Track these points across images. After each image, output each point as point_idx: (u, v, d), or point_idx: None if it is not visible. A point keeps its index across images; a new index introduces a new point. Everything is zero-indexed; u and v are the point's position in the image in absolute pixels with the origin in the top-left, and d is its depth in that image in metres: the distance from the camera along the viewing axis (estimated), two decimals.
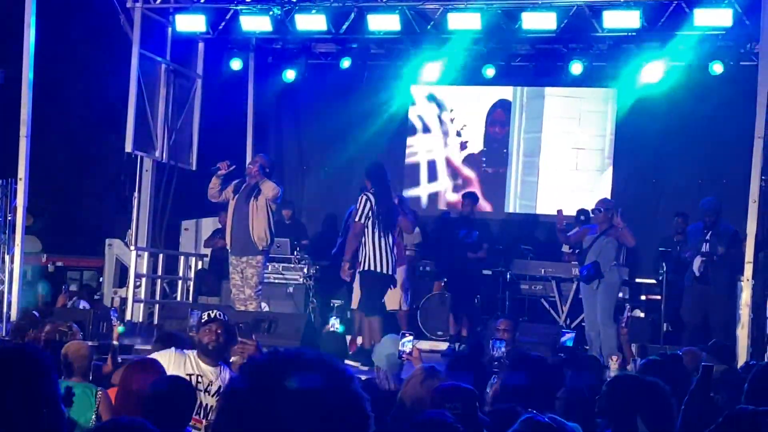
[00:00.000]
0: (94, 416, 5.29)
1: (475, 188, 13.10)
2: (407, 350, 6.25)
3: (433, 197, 13.81)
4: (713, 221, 10.08)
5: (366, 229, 8.97)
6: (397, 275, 9.64)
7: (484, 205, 12.98)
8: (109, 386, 5.70)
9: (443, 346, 11.33)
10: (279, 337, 8.36)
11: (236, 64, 12.92)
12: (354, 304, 9.89)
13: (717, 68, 11.55)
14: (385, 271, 8.96)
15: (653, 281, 11.56)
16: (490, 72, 12.26)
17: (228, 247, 10.00)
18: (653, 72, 11.89)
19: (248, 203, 9.63)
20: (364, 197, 9.01)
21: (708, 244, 10.02)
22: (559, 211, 10.26)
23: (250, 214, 9.59)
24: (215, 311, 5.53)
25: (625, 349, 8.63)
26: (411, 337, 6.33)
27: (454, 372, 5.20)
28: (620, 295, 11.11)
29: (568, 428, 3.27)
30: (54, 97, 13.51)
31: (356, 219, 9.03)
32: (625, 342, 8.61)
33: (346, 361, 7.93)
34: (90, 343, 6.82)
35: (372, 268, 9.00)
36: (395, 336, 6.57)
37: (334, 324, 8.03)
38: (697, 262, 10.04)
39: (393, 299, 10.06)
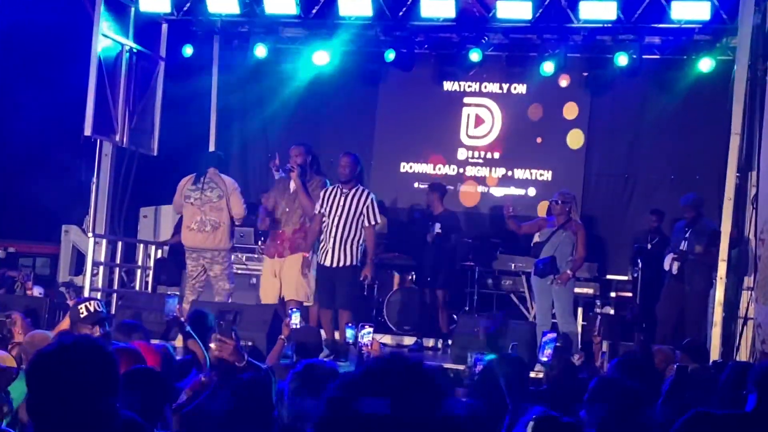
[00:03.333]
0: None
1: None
2: (366, 342, 6.30)
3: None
4: (693, 218, 10.21)
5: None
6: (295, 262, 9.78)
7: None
8: None
9: (409, 341, 11.42)
10: (245, 329, 8.37)
11: (189, 50, 12.87)
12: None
13: (704, 65, 11.64)
14: None
15: (625, 278, 11.72)
16: (474, 56, 12.27)
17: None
18: (620, 62, 11.99)
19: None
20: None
21: (687, 242, 10.15)
22: (507, 199, 10.36)
23: None
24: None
25: (595, 351, 8.74)
26: (371, 329, 6.38)
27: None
28: (591, 291, 11.31)
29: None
30: (9, 78, 13.40)
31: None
32: (596, 345, 8.70)
33: (321, 355, 7.99)
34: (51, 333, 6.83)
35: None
36: None
37: (295, 319, 7.98)
38: (668, 260, 10.18)
39: (300, 290, 9.89)
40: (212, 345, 4.76)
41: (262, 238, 11.41)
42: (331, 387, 1.89)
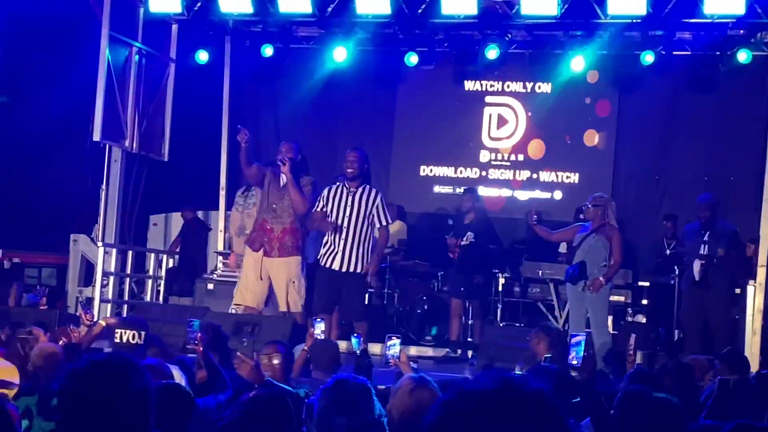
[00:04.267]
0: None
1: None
2: (394, 354, 6.26)
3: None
4: (708, 218, 10.11)
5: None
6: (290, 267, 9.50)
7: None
8: None
9: (431, 351, 11.37)
10: (263, 342, 8.33)
11: (204, 56, 12.87)
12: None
13: (742, 56, 11.54)
14: None
15: (657, 284, 11.61)
16: (492, 53, 12.22)
17: None
18: (650, 56, 11.93)
19: None
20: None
21: (706, 245, 10.06)
22: (531, 205, 10.16)
23: None
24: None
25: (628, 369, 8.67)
26: (398, 341, 6.33)
27: None
28: (622, 299, 11.22)
29: None
30: (13, 81, 13.44)
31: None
32: (630, 364, 8.62)
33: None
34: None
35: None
36: None
37: (318, 329, 7.87)
38: (697, 265, 10.10)
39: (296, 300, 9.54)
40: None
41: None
42: (432, 414, 1.75)
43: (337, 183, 9.50)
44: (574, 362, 6.14)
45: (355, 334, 7.12)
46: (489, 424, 1.66)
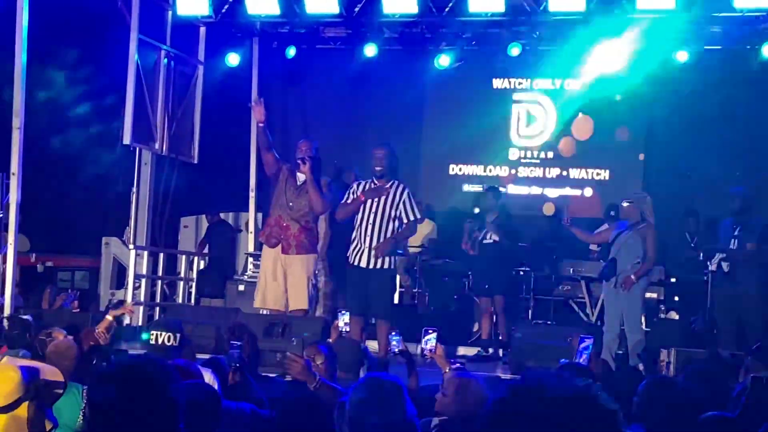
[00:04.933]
0: (81, 416, 5.40)
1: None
2: (430, 347, 6.25)
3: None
4: (740, 212, 10.01)
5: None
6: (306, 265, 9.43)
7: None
8: None
9: (462, 350, 11.36)
10: (293, 342, 8.38)
11: (234, 59, 12.91)
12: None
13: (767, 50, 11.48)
14: None
15: (672, 280, 11.55)
16: (515, 51, 12.20)
17: None
18: (683, 53, 11.87)
19: None
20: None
21: (737, 240, 9.98)
22: (563, 206, 10.07)
23: None
24: None
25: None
26: (434, 335, 6.31)
27: None
28: (654, 296, 11.16)
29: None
30: (44, 85, 13.54)
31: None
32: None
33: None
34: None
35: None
36: None
37: (342, 321, 7.77)
38: (716, 259, 9.99)
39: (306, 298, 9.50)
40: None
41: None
42: (484, 410, 1.78)
43: (367, 179, 9.38)
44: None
45: (394, 332, 7.03)
46: (544, 422, 1.69)
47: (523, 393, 1.77)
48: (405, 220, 9.19)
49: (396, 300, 11.19)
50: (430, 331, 6.27)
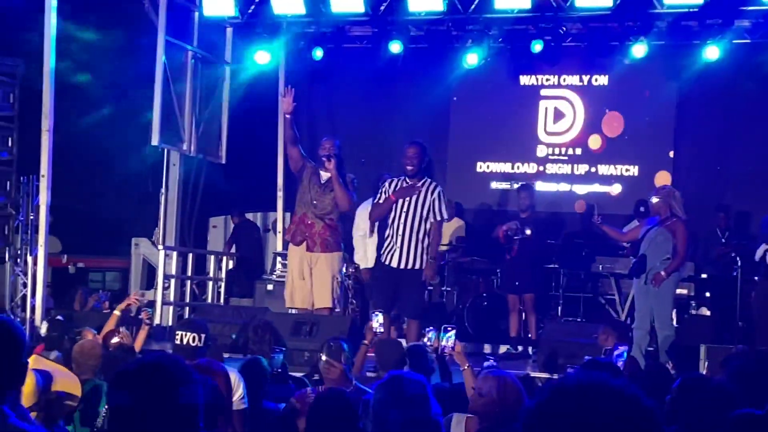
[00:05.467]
0: (102, 415, 5.50)
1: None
2: (450, 345, 6.22)
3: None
4: None
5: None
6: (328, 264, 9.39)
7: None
8: None
9: (489, 348, 11.33)
10: (321, 341, 8.39)
11: (263, 57, 12.87)
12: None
13: None
14: None
15: (703, 276, 11.47)
16: (537, 47, 12.16)
17: None
18: (713, 50, 11.78)
19: None
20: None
21: None
22: (592, 202, 9.94)
23: None
24: None
25: None
26: (453, 332, 6.28)
27: None
28: (685, 292, 11.07)
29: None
30: (73, 87, 13.64)
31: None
32: None
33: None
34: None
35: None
36: None
37: (376, 322, 7.75)
38: (761, 250, 9.86)
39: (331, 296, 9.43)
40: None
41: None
42: (524, 411, 1.79)
43: (400, 177, 9.34)
44: None
45: (430, 328, 6.99)
46: (585, 423, 1.70)
47: (564, 394, 1.77)
48: (431, 219, 9.14)
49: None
50: (449, 329, 6.27)
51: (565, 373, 6.38)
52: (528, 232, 10.88)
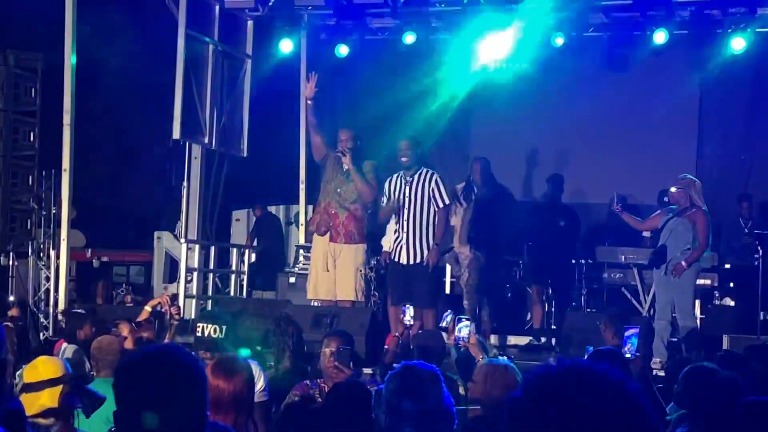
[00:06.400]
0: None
1: None
2: (464, 336, 6.24)
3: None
4: None
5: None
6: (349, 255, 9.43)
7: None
8: None
9: (513, 340, 11.31)
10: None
11: (287, 46, 12.80)
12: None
13: None
14: None
15: (726, 266, 11.39)
16: (559, 41, 12.10)
17: None
18: (739, 41, 11.69)
19: None
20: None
21: None
22: (614, 195, 9.92)
23: None
24: None
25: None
26: (468, 322, 6.30)
27: None
28: (708, 282, 11.00)
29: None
30: (96, 83, 13.72)
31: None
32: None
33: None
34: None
35: None
36: None
37: (408, 315, 7.65)
38: None
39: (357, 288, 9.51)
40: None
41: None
42: (511, 400, 1.79)
43: (398, 173, 9.47)
44: (628, 355, 6.09)
45: (449, 311, 7.02)
46: (570, 409, 1.69)
47: (548, 381, 1.76)
48: (434, 207, 9.24)
49: (447, 290, 11.20)
50: (464, 320, 6.27)
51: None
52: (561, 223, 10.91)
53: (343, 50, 12.78)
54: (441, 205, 9.30)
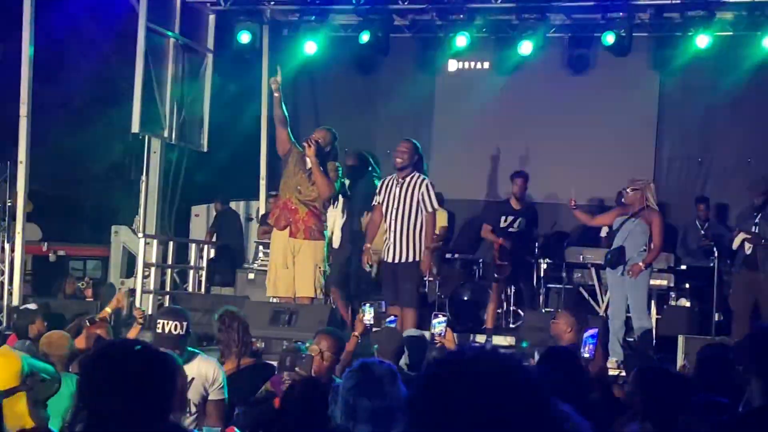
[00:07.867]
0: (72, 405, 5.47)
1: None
2: (440, 332, 6.29)
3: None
4: (762, 202, 9.96)
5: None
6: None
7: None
8: None
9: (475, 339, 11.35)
10: (300, 330, 8.39)
11: (245, 37, 12.71)
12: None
13: None
14: None
15: (682, 267, 11.50)
16: (527, 46, 12.14)
17: None
18: (703, 38, 11.79)
19: None
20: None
21: (757, 227, 9.93)
22: (571, 190, 10.09)
23: None
24: None
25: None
26: (443, 318, 6.34)
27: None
28: (664, 283, 11.12)
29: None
30: (54, 75, 13.60)
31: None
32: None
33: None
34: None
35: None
36: None
37: (368, 315, 7.67)
38: (738, 238, 9.88)
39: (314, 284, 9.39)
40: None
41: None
42: (413, 386, 1.83)
43: (392, 175, 9.53)
44: (586, 355, 6.13)
45: (436, 313, 7.06)
46: (467, 393, 1.71)
47: (448, 365, 1.80)
48: (423, 212, 9.35)
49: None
50: (440, 316, 6.34)
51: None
52: (518, 225, 10.98)
53: (310, 48, 12.72)
54: (430, 209, 9.37)
